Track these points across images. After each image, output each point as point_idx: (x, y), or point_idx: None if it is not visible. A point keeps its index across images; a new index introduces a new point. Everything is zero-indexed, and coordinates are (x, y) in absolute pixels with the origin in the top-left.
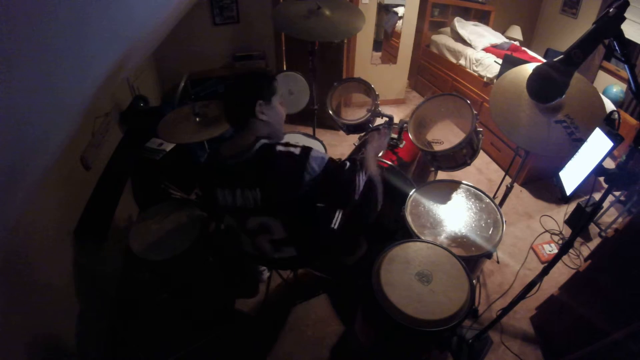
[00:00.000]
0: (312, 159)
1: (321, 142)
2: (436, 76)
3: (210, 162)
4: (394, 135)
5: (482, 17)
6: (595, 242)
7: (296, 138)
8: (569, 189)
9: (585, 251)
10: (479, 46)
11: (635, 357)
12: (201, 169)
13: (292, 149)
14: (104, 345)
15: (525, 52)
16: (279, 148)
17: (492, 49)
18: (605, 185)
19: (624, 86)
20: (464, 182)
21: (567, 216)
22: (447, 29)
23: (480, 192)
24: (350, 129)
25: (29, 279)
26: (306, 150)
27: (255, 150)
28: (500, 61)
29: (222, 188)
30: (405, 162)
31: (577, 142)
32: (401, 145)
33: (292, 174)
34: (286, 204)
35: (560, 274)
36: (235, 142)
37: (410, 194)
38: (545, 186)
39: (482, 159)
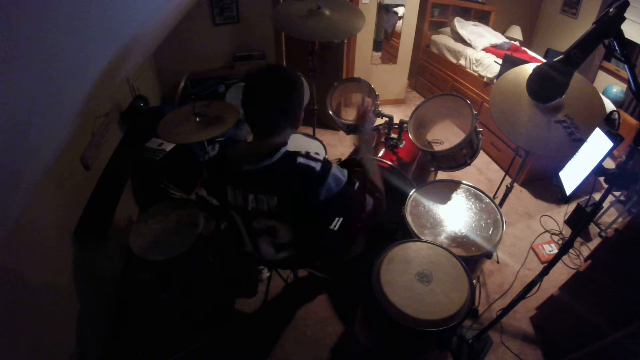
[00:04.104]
0: (331, 177)
1: (321, 142)
2: (436, 76)
3: (223, 163)
4: (394, 135)
5: (482, 17)
6: (595, 242)
7: (296, 138)
8: (569, 189)
9: (585, 251)
10: (479, 46)
11: (635, 357)
12: (211, 166)
13: (312, 164)
14: (104, 345)
15: (525, 52)
16: (300, 160)
17: (492, 49)
18: (605, 185)
19: (624, 86)
20: (464, 182)
21: (567, 216)
22: (447, 29)
23: (480, 192)
24: (350, 129)
25: (29, 279)
26: (327, 166)
27: (276, 159)
28: (500, 61)
29: (234, 188)
30: (405, 162)
31: (577, 142)
32: (401, 145)
33: (309, 189)
34: (300, 212)
35: (560, 274)
36: (253, 147)
37: (410, 194)
38: (545, 186)
39: (482, 159)
